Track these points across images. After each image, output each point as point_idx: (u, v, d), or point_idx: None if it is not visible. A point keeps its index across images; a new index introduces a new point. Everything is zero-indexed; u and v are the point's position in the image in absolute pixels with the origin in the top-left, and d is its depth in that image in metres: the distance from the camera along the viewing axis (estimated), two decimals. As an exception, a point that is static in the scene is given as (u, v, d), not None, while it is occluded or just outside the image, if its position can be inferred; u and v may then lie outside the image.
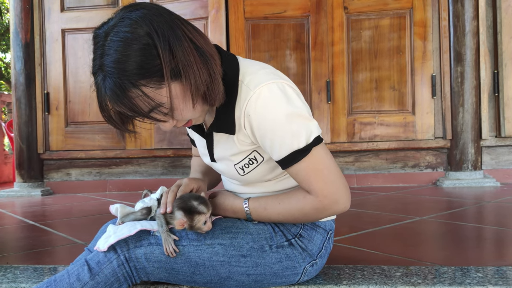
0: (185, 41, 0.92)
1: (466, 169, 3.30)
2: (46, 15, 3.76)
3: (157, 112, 0.95)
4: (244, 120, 1.01)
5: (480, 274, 1.19)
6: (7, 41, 10.31)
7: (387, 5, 3.40)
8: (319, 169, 1.00)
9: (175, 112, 0.96)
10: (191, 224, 1.03)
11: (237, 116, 1.02)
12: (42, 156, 3.76)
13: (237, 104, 1.01)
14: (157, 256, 1.04)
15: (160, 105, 0.93)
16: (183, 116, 0.98)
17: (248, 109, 0.99)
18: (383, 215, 2.19)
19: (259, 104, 0.97)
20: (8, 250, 1.75)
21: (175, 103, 0.94)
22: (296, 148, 0.98)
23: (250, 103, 0.98)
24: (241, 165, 1.08)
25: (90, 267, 1.01)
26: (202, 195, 1.08)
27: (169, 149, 3.60)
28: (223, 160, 1.11)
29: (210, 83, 0.96)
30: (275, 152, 1.01)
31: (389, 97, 3.41)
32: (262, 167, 1.09)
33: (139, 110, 0.92)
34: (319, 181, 1.00)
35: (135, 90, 0.90)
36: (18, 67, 3.72)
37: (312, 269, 1.13)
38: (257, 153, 1.07)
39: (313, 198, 1.01)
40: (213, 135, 1.11)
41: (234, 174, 1.11)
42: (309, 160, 0.99)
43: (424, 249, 1.55)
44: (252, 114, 0.98)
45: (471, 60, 3.28)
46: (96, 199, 3.30)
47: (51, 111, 3.74)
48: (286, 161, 1.00)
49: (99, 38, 0.93)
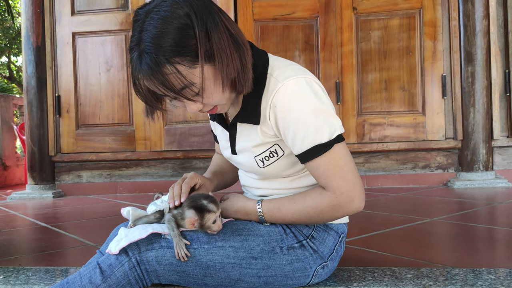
0: (221, 26, 0.96)
1: (477, 170, 3.27)
2: (56, 19, 3.80)
3: (188, 92, 0.97)
4: (269, 111, 1.03)
5: (492, 276, 1.18)
6: (19, 44, 10.42)
7: (396, 5, 3.39)
8: (339, 166, 1.01)
9: (205, 93, 0.98)
10: (201, 223, 1.03)
11: (263, 107, 1.04)
12: (53, 159, 3.79)
13: (264, 96, 1.04)
14: (168, 259, 1.04)
15: (191, 84, 0.95)
16: (212, 99, 1.00)
17: (274, 100, 1.01)
18: (394, 216, 2.18)
19: (286, 96, 1.00)
20: (21, 252, 1.77)
21: (206, 84, 0.97)
22: (319, 143, 1.00)
23: (277, 94, 1.01)
24: (261, 157, 1.10)
25: (102, 269, 1.02)
26: (211, 195, 1.08)
27: (179, 151, 3.62)
28: (244, 152, 1.13)
29: (241, 70, 0.99)
30: (297, 145, 1.02)
31: (399, 97, 3.39)
32: (282, 161, 1.10)
33: (171, 87, 0.95)
34: (337, 178, 1.01)
35: (169, 66, 0.92)
36: (30, 71, 3.76)
37: (323, 271, 1.12)
38: (278, 146, 1.08)
39: (330, 195, 1.02)
40: (237, 126, 1.13)
41: (253, 167, 1.12)
42: (330, 156, 1.01)
43: (435, 250, 1.53)
44: (278, 105, 1.01)
45: (482, 60, 3.26)
46: (107, 201, 3.32)
47: (62, 114, 3.78)
48: (307, 154, 1.01)
49: (140, 16, 0.96)
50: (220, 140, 1.25)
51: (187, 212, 1.04)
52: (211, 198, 1.06)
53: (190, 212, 1.03)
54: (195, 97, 0.99)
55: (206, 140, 3.55)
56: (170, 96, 0.98)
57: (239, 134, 1.13)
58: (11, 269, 1.46)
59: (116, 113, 3.73)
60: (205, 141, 3.55)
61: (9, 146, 5.55)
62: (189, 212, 1.03)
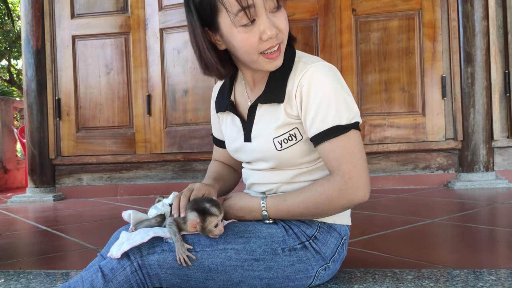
0: None
1: (477, 171, 3.26)
2: (56, 22, 3.80)
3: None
4: (296, 90, 1.07)
5: (493, 277, 1.18)
6: (19, 48, 10.42)
7: (395, 7, 3.39)
8: (353, 152, 1.04)
9: (281, 12, 1.04)
10: (203, 226, 1.03)
11: (289, 88, 1.09)
12: (53, 162, 3.80)
13: (291, 78, 1.09)
14: (170, 262, 1.04)
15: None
16: (284, 22, 1.05)
17: (303, 79, 1.06)
18: (395, 217, 2.18)
19: (315, 76, 1.05)
20: (21, 255, 1.77)
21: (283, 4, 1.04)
22: (338, 124, 1.04)
23: (306, 74, 1.06)
24: (280, 140, 1.11)
25: (104, 273, 1.02)
26: (214, 198, 1.08)
27: (179, 153, 3.62)
28: (261, 136, 1.14)
29: None
30: (316, 124, 1.05)
31: (398, 98, 3.39)
32: (298, 146, 1.11)
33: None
34: (349, 163, 1.04)
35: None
36: (30, 74, 3.77)
37: (324, 272, 1.12)
38: (297, 130, 1.10)
39: (338, 179, 1.04)
40: (257, 108, 1.15)
41: (269, 150, 1.12)
42: (346, 139, 1.04)
43: (436, 251, 1.53)
44: (305, 84, 1.05)
45: (482, 60, 3.26)
46: (107, 203, 3.32)
47: (62, 117, 3.78)
48: (324, 134, 1.04)
49: None
50: (228, 134, 1.25)
51: (189, 215, 1.04)
52: (214, 201, 1.06)
53: (192, 215, 1.04)
54: (272, 15, 1.02)
55: (207, 142, 3.55)
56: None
57: (258, 117, 1.15)
58: (11, 273, 1.46)
59: (116, 115, 3.73)
60: (206, 143, 3.56)
61: (10, 149, 5.55)
62: (192, 214, 1.04)
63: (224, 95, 1.27)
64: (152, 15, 3.67)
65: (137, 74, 3.69)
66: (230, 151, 1.27)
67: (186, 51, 3.59)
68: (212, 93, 1.36)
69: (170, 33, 3.63)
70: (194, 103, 3.59)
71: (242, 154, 1.22)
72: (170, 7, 3.63)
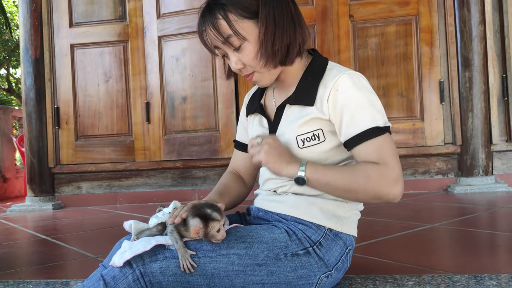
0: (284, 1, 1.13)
1: (477, 175, 3.27)
2: (55, 31, 3.81)
3: (233, 41, 1.11)
4: (329, 94, 1.10)
5: (494, 282, 1.17)
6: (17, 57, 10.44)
7: (392, 12, 3.41)
8: (392, 149, 1.08)
9: (243, 50, 1.12)
10: (205, 231, 1.03)
11: (321, 92, 1.13)
12: (53, 170, 3.79)
13: (322, 82, 1.14)
14: (173, 269, 1.04)
15: (236, 33, 1.10)
16: (248, 58, 1.12)
17: (336, 84, 1.10)
18: (394, 222, 2.18)
19: (349, 83, 1.09)
20: (21, 265, 1.76)
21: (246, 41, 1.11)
22: (375, 125, 1.07)
23: (340, 80, 1.10)
24: (302, 138, 1.13)
25: (105, 281, 1.02)
26: (215, 204, 1.08)
27: (178, 160, 3.62)
28: (286, 133, 1.17)
29: (285, 47, 1.12)
30: (352, 127, 1.08)
31: (397, 103, 3.40)
32: (319, 148, 1.13)
33: (219, 30, 1.11)
34: (391, 155, 1.06)
35: (222, 12, 1.10)
36: (28, 83, 3.77)
37: (327, 280, 1.12)
38: (321, 132, 1.13)
39: (382, 166, 1.05)
40: (285, 109, 1.20)
41: (290, 146, 1.15)
42: (384, 139, 1.07)
43: (436, 257, 1.53)
44: (340, 89, 1.09)
45: (479, 65, 3.27)
46: (107, 212, 3.31)
47: (61, 125, 3.78)
48: (362, 135, 1.07)
49: None
50: (254, 134, 1.27)
51: (191, 221, 1.04)
52: (215, 207, 1.06)
53: (195, 221, 1.03)
54: (236, 53, 1.13)
55: (205, 149, 3.55)
56: (220, 40, 1.11)
57: (285, 118, 1.19)
58: (11, 283, 1.45)
59: (115, 124, 3.74)
60: (204, 150, 3.56)
61: (9, 158, 5.55)
62: (194, 220, 1.04)
63: (255, 99, 1.33)
64: (150, 23, 3.68)
65: (136, 82, 3.70)
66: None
67: (185, 59, 3.60)
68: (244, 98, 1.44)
69: (169, 40, 3.64)
70: (192, 111, 3.59)
71: None
72: (168, 15, 3.64)
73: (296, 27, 1.13)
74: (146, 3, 3.68)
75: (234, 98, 3.53)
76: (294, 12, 1.14)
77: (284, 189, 1.20)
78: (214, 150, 3.54)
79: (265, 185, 1.26)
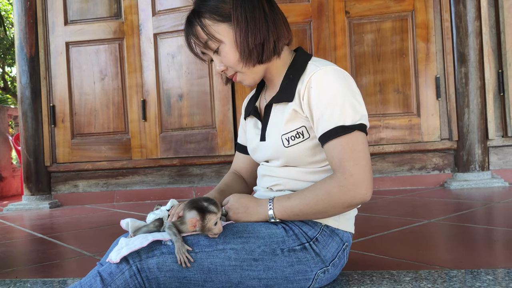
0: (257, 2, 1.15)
1: (473, 170, 3.28)
2: (50, 29, 3.80)
3: (211, 44, 1.16)
4: (304, 91, 1.12)
5: (490, 277, 1.18)
6: (13, 55, 10.40)
7: (388, 8, 3.40)
8: (355, 150, 1.07)
9: (221, 52, 1.16)
10: (202, 224, 1.03)
11: (299, 87, 1.14)
12: (49, 169, 3.78)
13: (301, 78, 1.15)
14: (170, 265, 1.04)
15: (212, 38, 1.15)
16: (227, 59, 1.17)
17: (311, 80, 1.11)
18: (391, 218, 2.18)
19: (323, 78, 1.10)
20: (17, 264, 1.76)
21: (223, 43, 1.15)
22: (341, 124, 1.07)
23: (314, 76, 1.11)
24: (287, 136, 1.15)
25: (102, 278, 1.02)
26: (211, 198, 1.08)
27: (175, 158, 3.61)
28: (272, 133, 1.19)
29: (259, 46, 1.14)
30: (321, 125, 1.09)
31: (393, 100, 3.40)
32: (305, 144, 1.14)
33: (198, 36, 1.17)
34: (351, 160, 1.06)
35: (198, 19, 1.15)
36: (24, 81, 3.76)
37: (323, 276, 1.12)
38: (305, 129, 1.14)
39: (339, 176, 1.06)
40: (272, 108, 1.22)
41: (278, 147, 1.17)
42: (349, 139, 1.07)
43: (433, 252, 1.54)
44: (313, 85, 1.10)
45: (475, 60, 3.27)
46: (104, 210, 3.31)
47: (57, 123, 3.77)
48: (329, 134, 1.08)
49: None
50: (250, 136, 1.32)
51: (188, 213, 1.04)
52: (211, 200, 1.06)
53: (192, 213, 1.04)
54: (217, 55, 1.18)
55: (202, 146, 3.55)
56: (200, 45, 1.18)
57: (271, 117, 1.21)
58: (8, 282, 1.45)
59: (111, 121, 3.73)
60: (201, 148, 3.55)
61: (5, 157, 5.53)
62: (191, 213, 1.04)
63: (252, 102, 1.36)
64: (145, 21, 3.67)
65: (132, 79, 3.69)
66: (250, 152, 1.34)
67: (181, 56, 3.59)
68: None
69: (164, 38, 3.63)
70: (189, 108, 3.59)
71: (258, 154, 1.27)
72: (164, 12, 3.63)
73: (269, 25, 1.15)
74: (141, 0, 3.67)
75: (231, 95, 3.53)
76: (269, 11, 1.16)
77: (279, 188, 1.21)
78: (211, 147, 3.54)
79: (262, 182, 1.28)
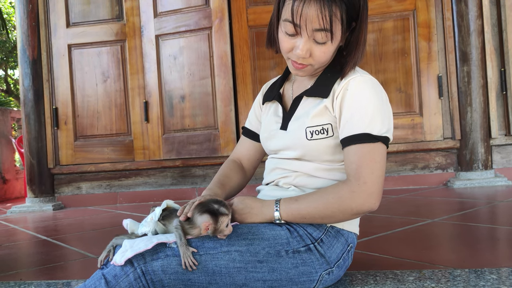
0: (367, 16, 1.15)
1: (476, 169, 3.27)
2: (52, 31, 3.81)
3: (321, 34, 1.08)
4: (340, 91, 1.13)
5: (494, 276, 1.18)
6: (15, 58, 10.43)
7: (390, 8, 3.40)
8: (374, 160, 1.08)
9: (324, 47, 1.11)
10: (215, 227, 1.03)
11: (335, 87, 1.15)
12: (52, 171, 3.79)
13: (339, 79, 1.16)
14: (174, 267, 1.04)
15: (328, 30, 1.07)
16: (323, 55, 1.12)
17: (349, 83, 1.13)
18: (395, 218, 2.18)
19: (360, 85, 1.12)
20: (21, 266, 1.76)
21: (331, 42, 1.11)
22: (368, 132, 1.08)
23: (353, 80, 1.13)
24: (312, 130, 1.15)
25: (107, 280, 1.02)
26: (220, 199, 1.08)
27: (178, 159, 3.62)
28: (297, 124, 1.19)
29: (354, 54, 1.15)
30: (348, 127, 1.10)
31: (395, 99, 3.40)
32: (326, 142, 1.15)
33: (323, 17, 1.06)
34: (368, 168, 1.07)
35: (335, 7, 1.06)
36: (27, 84, 3.77)
37: (328, 277, 1.12)
38: (330, 126, 1.15)
39: (353, 181, 1.07)
40: (302, 100, 1.22)
41: (299, 137, 1.17)
42: (371, 148, 1.08)
43: (437, 252, 1.53)
44: (350, 89, 1.12)
45: (477, 59, 3.27)
46: (107, 211, 3.31)
47: (60, 126, 3.78)
48: (353, 138, 1.09)
49: None
50: (267, 122, 1.32)
51: (200, 218, 1.04)
52: (221, 202, 1.07)
53: (204, 217, 1.03)
54: (313, 44, 1.10)
55: (205, 147, 3.55)
56: (317, 26, 1.07)
57: (300, 108, 1.22)
58: (12, 284, 1.45)
59: (114, 123, 3.73)
60: (204, 149, 3.55)
61: (8, 159, 5.54)
62: (203, 217, 1.03)
63: (274, 88, 1.35)
64: (147, 22, 3.68)
65: (134, 81, 3.69)
66: (262, 138, 1.33)
67: (182, 57, 3.60)
68: (262, 86, 1.46)
69: (166, 39, 3.64)
70: (191, 109, 3.59)
71: (273, 141, 1.26)
72: (166, 14, 3.63)
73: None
74: (142, 2, 3.68)
75: (233, 96, 3.53)
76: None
77: (287, 180, 1.21)
78: (214, 148, 3.54)
79: (270, 176, 1.27)
